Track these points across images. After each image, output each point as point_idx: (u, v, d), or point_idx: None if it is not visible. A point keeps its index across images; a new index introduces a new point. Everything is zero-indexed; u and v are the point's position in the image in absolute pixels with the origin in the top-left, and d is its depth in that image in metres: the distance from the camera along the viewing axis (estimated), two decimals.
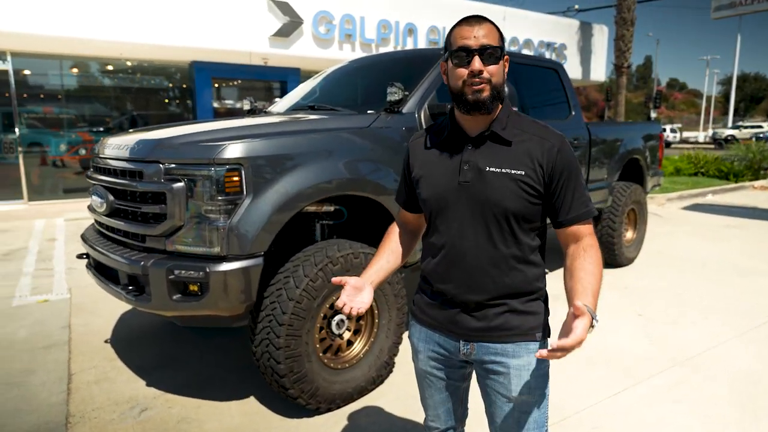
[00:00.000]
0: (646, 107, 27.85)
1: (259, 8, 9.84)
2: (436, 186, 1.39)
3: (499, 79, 1.30)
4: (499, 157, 1.32)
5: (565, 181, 1.31)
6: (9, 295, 4.52)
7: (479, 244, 1.34)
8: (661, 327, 3.72)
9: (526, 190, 1.30)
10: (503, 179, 1.30)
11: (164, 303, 2.32)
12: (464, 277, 1.36)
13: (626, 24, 14.83)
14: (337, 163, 2.53)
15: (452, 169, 1.36)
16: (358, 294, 1.42)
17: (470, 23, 1.30)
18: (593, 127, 4.60)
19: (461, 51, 1.28)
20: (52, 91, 10.24)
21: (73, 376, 3.03)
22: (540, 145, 1.31)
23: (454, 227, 1.36)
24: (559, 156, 1.31)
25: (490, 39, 1.28)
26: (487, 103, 1.29)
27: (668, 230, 7.18)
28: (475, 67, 1.26)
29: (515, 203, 1.30)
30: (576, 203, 1.33)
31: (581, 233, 1.34)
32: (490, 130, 1.33)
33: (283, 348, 2.36)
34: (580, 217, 1.33)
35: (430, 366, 1.51)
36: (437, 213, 1.40)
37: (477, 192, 1.32)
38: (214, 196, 2.23)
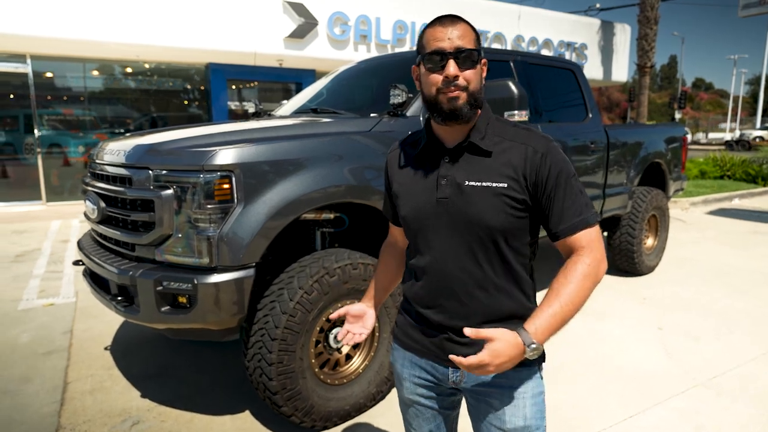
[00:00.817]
0: (670, 108, 27.23)
1: (274, 10, 9.81)
2: (413, 204, 1.28)
3: (476, 85, 1.19)
4: (479, 170, 1.20)
5: (554, 189, 1.18)
6: (17, 298, 4.51)
7: (464, 267, 1.22)
8: (683, 342, 3.51)
9: (511, 204, 1.18)
10: (484, 194, 1.18)
11: (152, 315, 2.22)
12: (450, 302, 1.25)
13: (649, 23, 14.43)
14: (335, 169, 2.40)
15: (429, 184, 1.25)
16: (359, 321, 1.36)
17: (444, 24, 1.18)
18: (612, 130, 4.40)
19: (434, 55, 1.17)
20: (70, 92, 10.36)
21: (69, 385, 2.97)
22: (523, 151, 1.19)
23: (435, 248, 1.25)
24: (544, 161, 1.18)
25: (466, 41, 1.17)
26: (464, 111, 1.17)
27: (692, 236, 6.90)
28: (449, 72, 1.15)
29: (499, 219, 1.18)
30: (568, 212, 1.19)
31: (576, 245, 1.20)
32: (467, 141, 1.22)
33: (276, 364, 2.24)
34: (574, 228, 1.19)
35: (417, 394, 1.38)
36: (416, 233, 1.29)
37: (457, 209, 1.21)
38: (203, 204, 2.13)
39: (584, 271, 1.15)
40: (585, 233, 1.19)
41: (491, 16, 12.35)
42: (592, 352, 3.34)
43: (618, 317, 3.97)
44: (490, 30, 12.33)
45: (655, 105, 50.74)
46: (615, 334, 3.64)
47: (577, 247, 1.19)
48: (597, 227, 1.22)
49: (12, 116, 9.83)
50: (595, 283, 1.17)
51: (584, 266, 1.16)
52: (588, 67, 14.42)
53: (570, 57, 13.95)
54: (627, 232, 4.77)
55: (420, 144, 1.29)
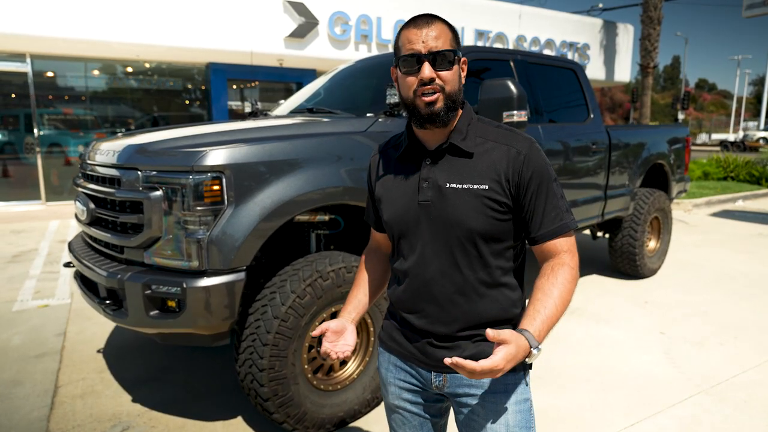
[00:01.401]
0: (673, 109, 27.14)
1: (274, 9, 9.75)
2: (395, 207, 1.25)
3: (454, 87, 1.16)
4: (460, 172, 1.18)
5: (535, 192, 1.17)
6: (11, 299, 4.47)
7: (444, 271, 1.20)
8: (685, 348, 3.44)
9: (492, 207, 1.16)
10: (465, 196, 1.16)
11: (141, 319, 2.17)
12: (430, 307, 1.23)
13: (652, 23, 14.34)
14: (329, 170, 2.35)
15: (411, 187, 1.23)
16: (340, 337, 1.33)
17: (418, 25, 1.15)
18: (614, 131, 4.34)
19: (409, 57, 1.14)
20: (70, 92, 10.33)
21: (59, 389, 2.92)
22: (505, 153, 1.17)
23: (416, 252, 1.23)
24: (526, 163, 1.16)
25: (442, 41, 1.14)
26: (441, 114, 1.15)
27: (695, 239, 6.82)
28: (425, 74, 1.13)
29: (480, 222, 1.16)
30: (548, 217, 1.17)
31: (556, 250, 1.18)
32: (448, 142, 1.19)
33: (267, 370, 2.19)
34: (553, 233, 1.18)
35: (402, 399, 1.35)
36: (399, 236, 1.27)
37: (438, 212, 1.18)
38: (193, 206, 2.07)
39: (569, 273, 1.16)
40: (565, 239, 1.19)
41: (492, 15, 12.28)
42: (592, 357, 3.28)
43: (619, 321, 3.90)
44: (491, 30, 12.26)
45: (658, 106, 50.58)
46: (616, 339, 3.57)
47: (557, 251, 1.18)
48: (573, 234, 1.21)
49: (12, 115, 9.80)
50: (575, 284, 1.18)
51: (568, 269, 1.16)
52: (590, 68, 14.34)
53: (572, 57, 13.88)
54: (629, 234, 4.70)
55: (402, 146, 1.27)
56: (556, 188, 1.20)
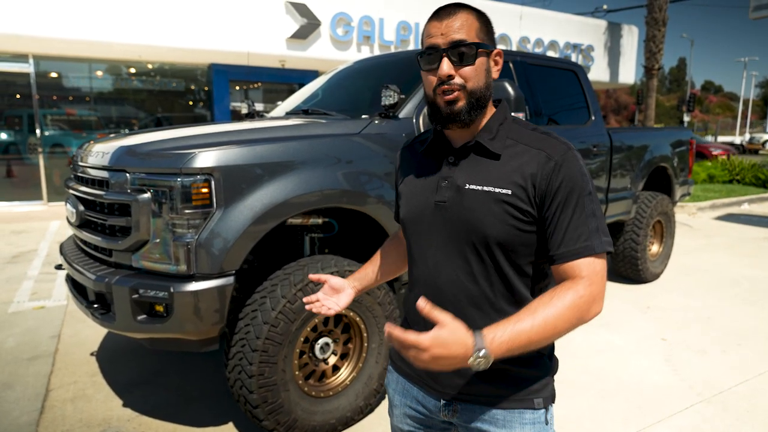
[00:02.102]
0: (679, 111, 26.95)
1: (276, 10, 9.74)
2: (412, 205, 1.16)
3: (477, 83, 1.05)
4: (483, 173, 1.07)
5: (561, 204, 1.02)
6: (7, 301, 4.44)
7: (457, 280, 1.08)
8: (687, 355, 3.38)
9: (514, 214, 1.03)
10: (485, 199, 1.05)
11: (128, 324, 2.13)
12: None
13: (657, 24, 14.25)
14: (321, 173, 2.30)
15: (430, 185, 1.13)
16: (334, 295, 1.28)
17: (439, 16, 1.05)
18: (615, 133, 4.28)
19: (428, 52, 1.05)
20: (73, 92, 10.34)
21: (50, 393, 2.88)
22: (535, 157, 1.04)
23: (429, 257, 1.13)
24: (557, 170, 1.02)
25: (464, 32, 1.03)
26: (462, 114, 1.05)
27: (699, 243, 6.74)
28: (442, 71, 1.03)
29: (498, 230, 1.04)
30: (571, 234, 1.01)
31: (574, 274, 1.00)
32: (474, 141, 1.09)
33: (256, 376, 2.14)
34: (574, 254, 1.00)
35: (407, 424, 1.25)
36: (413, 238, 1.17)
37: (454, 214, 1.08)
38: (181, 209, 2.03)
39: (573, 301, 0.97)
40: (587, 262, 1.00)
41: (495, 17, 12.21)
42: (591, 363, 3.22)
43: (620, 326, 3.84)
44: (495, 31, 12.20)
45: (664, 108, 50.33)
46: (616, 345, 3.51)
47: (575, 276, 1.00)
48: (604, 260, 1.02)
49: (16, 116, 9.83)
50: (579, 321, 0.98)
51: (575, 295, 0.97)
52: (594, 69, 14.26)
53: (576, 59, 13.80)
54: (631, 238, 4.64)
55: (428, 141, 1.18)
56: (589, 203, 1.03)
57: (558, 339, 0.98)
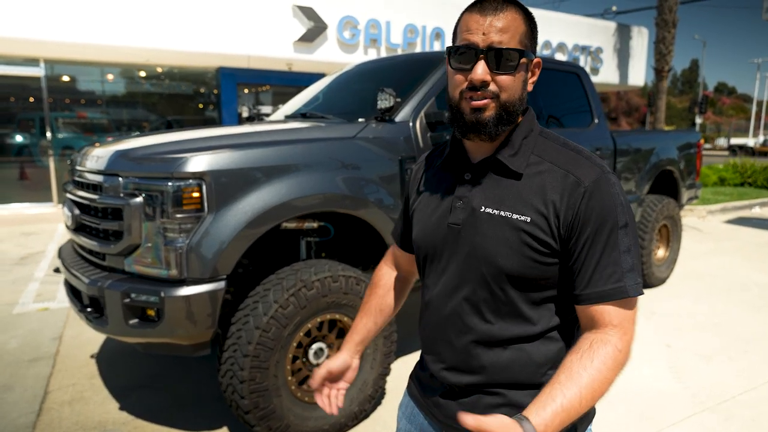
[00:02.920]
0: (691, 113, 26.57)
1: (283, 14, 9.78)
2: (425, 226, 1.05)
3: (513, 95, 0.92)
4: (501, 195, 0.95)
5: (591, 238, 0.89)
6: (13, 302, 4.49)
7: (462, 311, 0.98)
8: (692, 362, 3.31)
9: (531, 245, 0.91)
10: (500, 225, 0.93)
11: (120, 328, 2.13)
12: (446, 351, 1.02)
13: (667, 26, 14.11)
14: (314, 177, 2.29)
15: (445, 205, 1.02)
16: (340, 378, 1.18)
17: (483, 9, 0.91)
18: (620, 137, 4.22)
19: (463, 50, 0.91)
20: (83, 95, 10.47)
21: (49, 395, 2.90)
22: (561, 180, 0.92)
23: (438, 283, 1.02)
24: (588, 198, 0.89)
25: (509, 36, 0.90)
26: (489, 126, 0.92)
27: (708, 247, 6.64)
28: (476, 75, 0.90)
29: (513, 262, 0.91)
30: (601, 273, 0.89)
31: (602, 321, 0.90)
32: (494, 156, 0.97)
33: (247, 381, 2.13)
34: (603, 296, 0.89)
35: None
36: (425, 261, 1.07)
37: (466, 240, 0.96)
38: (172, 213, 2.03)
39: (615, 359, 0.87)
40: (619, 308, 0.89)
41: None
42: None
43: None
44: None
45: (676, 110, 49.84)
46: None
47: (604, 323, 0.90)
48: (636, 304, 0.92)
49: (27, 119, 9.96)
50: (617, 377, 0.89)
51: (615, 351, 0.87)
52: (604, 71, 14.15)
53: (585, 61, 13.70)
54: None
55: (444, 155, 1.06)
56: (623, 238, 0.90)
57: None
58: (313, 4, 9.96)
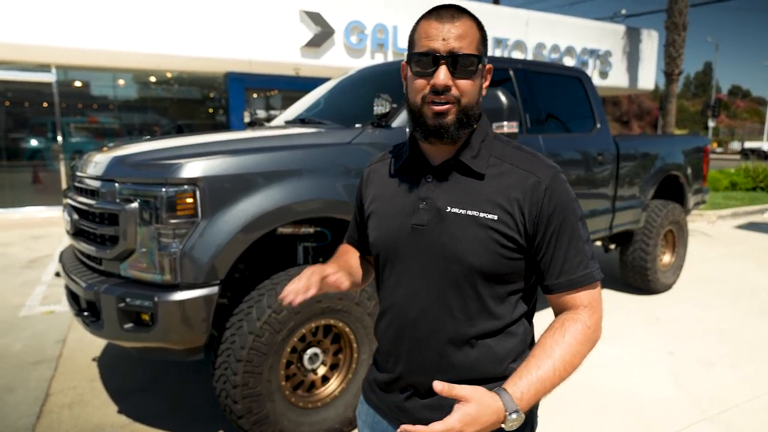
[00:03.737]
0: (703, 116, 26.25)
1: (290, 19, 9.84)
2: (385, 228, 1.07)
3: (471, 99, 0.98)
4: (466, 195, 0.99)
5: (556, 232, 0.97)
6: (20, 305, 4.55)
7: (431, 312, 1.01)
8: (694, 369, 3.27)
9: (500, 241, 0.96)
10: (468, 224, 0.97)
11: (116, 332, 2.16)
12: (413, 353, 1.03)
13: (677, 29, 13.98)
14: (307, 183, 2.30)
15: (407, 207, 1.04)
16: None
17: (441, 17, 0.96)
18: (623, 141, 4.19)
19: (424, 56, 0.95)
20: (94, 101, 10.61)
21: (49, 398, 2.93)
22: (522, 180, 0.98)
23: (403, 285, 1.04)
24: (549, 196, 0.97)
25: (467, 42, 0.95)
26: (451, 129, 0.97)
27: (717, 252, 6.55)
28: (438, 80, 0.94)
29: (483, 259, 0.96)
30: (570, 263, 0.98)
31: (574, 304, 0.99)
32: (455, 159, 1.01)
33: (240, 386, 2.14)
34: (575, 283, 0.98)
35: None
36: (385, 263, 1.08)
37: (433, 240, 0.99)
38: (166, 219, 2.05)
39: (584, 334, 0.96)
40: (588, 291, 0.99)
41: (508, 22, 12.15)
42: (591, 377, 3.14)
43: (625, 339, 3.74)
44: (509, 38, 12.13)
45: (689, 113, 49.34)
46: (619, 357, 3.42)
47: (576, 305, 0.99)
48: (600, 285, 1.02)
49: (39, 124, 10.12)
50: (589, 351, 0.97)
51: (584, 327, 0.96)
52: (613, 75, 14.05)
53: (594, 64, 13.62)
54: (640, 247, 4.53)
55: (402, 157, 1.08)
56: (582, 229, 1.00)
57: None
58: (320, 9, 10.02)
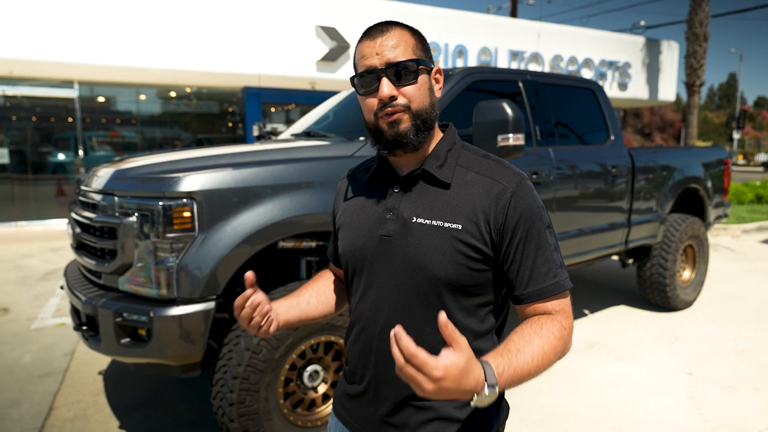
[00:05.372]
0: (728, 128, 25.78)
1: (306, 34, 9.95)
2: (353, 238, 1.07)
3: (422, 102, 0.97)
4: (431, 205, 0.98)
5: (523, 240, 0.95)
6: (32, 317, 4.60)
7: (397, 323, 0.96)
8: (714, 392, 3.12)
9: (465, 252, 0.94)
10: (433, 235, 0.96)
11: (113, 347, 2.14)
12: (380, 365, 1.01)
13: (698, 40, 13.75)
14: (308, 196, 2.27)
15: (373, 217, 1.04)
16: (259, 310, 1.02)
17: (371, 35, 0.98)
18: (638, 153, 4.08)
19: (365, 74, 0.97)
20: (115, 115, 10.84)
21: (53, 412, 2.93)
22: (487, 188, 0.97)
23: (370, 296, 1.03)
24: (514, 203, 0.95)
25: (402, 50, 0.96)
26: (409, 136, 0.97)
27: (741, 268, 6.33)
28: (383, 93, 0.95)
29: (447, 270, 0.95)
30: (538, 272, 0.96)
31: (546, 311, 0.97)
32: (421, 168, 1.01)
33: (237, 404, 2.10)
34: (544, 292, 0.96)
35: None
36: (353, 275, 1.08)
37: (399, 251, 0.99)
38: (163, 233, 2.04)
39: (561, 332, 0.93)
40: (559, 300, 0.97)
41: (525, 35, 12.09)
42: (606, 399, 3.01)
43: (642, 359, 3.60)
44: (526, 50, 12.07)
45: (713, 125, 48.38)
46: (636, 379, 3.29)
47: (546, 314, 0.97)
48: (569, 295, 1.00)
49: (63, 138, 10.37)
50: (563, 354, 0.94)
51: (560, 327, 0.94)
52: (632, 87, 13.87)
53: (612, 76, 13.47)
54: (658, 263, 4.38)
55: (372, 169, 1.09)
56: (550, 237, 0.98)
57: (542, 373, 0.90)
58: (335, 24, 10.12)
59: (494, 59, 11.65)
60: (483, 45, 11.54)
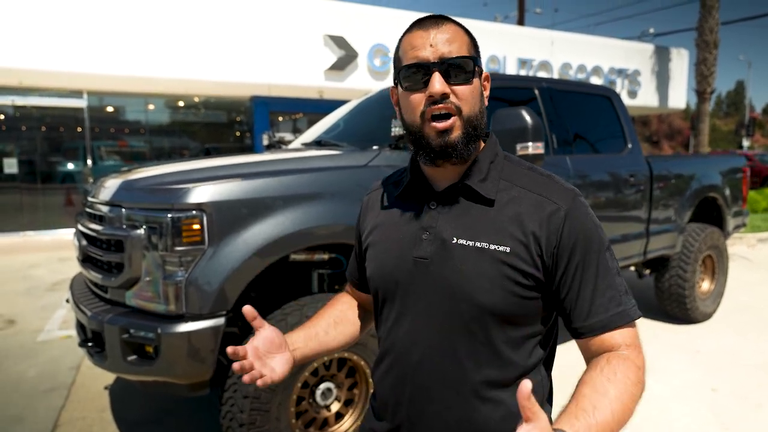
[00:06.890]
0: (737, 135, 25.57)
1: (314, 43, 9.95)
2: (384, 261, 0.96)
3: (474, 108, 0.87)
4: (474, 224, 0.88)
5: (581, 266, 0.85)
6: (38, 329, 4.54)
7: (435, 357, 0.89)
8: (739, 409, 2.99)
9: (514, 278, 0.84)
10: (477, 258, 0.85)
11: (119, 364, 2.06)
12: (414, 402, 0.92)
13: (708, 47, 13.65)
14: (320, 207, 2.19)
15: (407, 237, 0.93)
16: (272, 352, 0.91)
17: (424, 26, 0.87)
18: (656, 162, 3.98)
19: (413, 68, 0.86)
20: (123, 125, 10.88)
21: (57, 429, 2.85)
22: (537, 206, 0.86)
23: (404, 325, 0.93)
24: (569, 224, 0.85)
25: (456, 46, 0.86)
26: (459, 146, 0.86)
27: (759, 277, 6.18)
28: (435, 89, 0.83)
29: (495, 297, 0.84)
30: (600, 300, 0.85)
31: (613, 345, 0.85)
32: (462, 183, 0.90)
33: (247, 425, 2.01)
34: (609, 323, 0.84)
35: None
36: (384, 300, 0.97)
37: (437, 276, 0.88)
38: (171, 246, 1.96)
39: (637, 375, 0.82)
40: (626, 331, 0.85)
41: (535, 43, 12.05)
42: None
43: (663, 373, 3.47)
44: (535, 58, 12.01)
45: (721, 132, 48.02)
46: (657, 394, 3.16)
47: (613, 347, 0.85)
48: (636, 325, 0.88)
49: (72, 148, 10.41)
50: (640, 397, 0.82)
51: (636, 368, 0.82)
52: (642, 94, 13.76)
53: (622, 84, 13.38)
54: (677, 274, 4.26)
55: (403, 183, 0.98)
56: (611, 260, 0.88)
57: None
58: (344, 33, 10.11)
59: (503, 67, 11.59)
60: (491, 53, 11.49)
